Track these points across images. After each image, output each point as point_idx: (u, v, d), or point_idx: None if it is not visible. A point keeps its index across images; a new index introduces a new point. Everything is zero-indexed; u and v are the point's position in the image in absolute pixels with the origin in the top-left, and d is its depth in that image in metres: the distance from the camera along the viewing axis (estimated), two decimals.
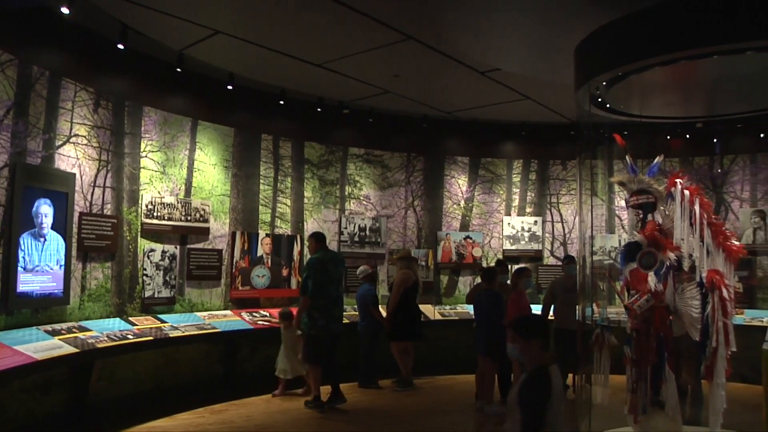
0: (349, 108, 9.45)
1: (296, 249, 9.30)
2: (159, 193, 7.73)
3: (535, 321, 3.90)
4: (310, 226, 9.53)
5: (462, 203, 10.83)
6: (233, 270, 8.56)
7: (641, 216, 5.41)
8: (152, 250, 7.57)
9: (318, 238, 7.66)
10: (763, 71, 5.47)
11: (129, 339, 6.67)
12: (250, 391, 7.91)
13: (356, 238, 9.97)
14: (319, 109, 9.20)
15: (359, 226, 10.03)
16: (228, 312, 8.36)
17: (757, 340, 5.16)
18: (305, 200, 9.59)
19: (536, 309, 9.61)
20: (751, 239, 9.68)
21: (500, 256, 10.53)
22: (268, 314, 8.61)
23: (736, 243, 5.27)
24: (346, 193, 10.07)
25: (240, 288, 8.62)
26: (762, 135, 9.53)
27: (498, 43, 6.46)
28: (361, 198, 10.20)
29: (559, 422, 3.23)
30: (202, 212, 8.17)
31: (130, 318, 7.20)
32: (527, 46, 6.49)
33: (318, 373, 7.28)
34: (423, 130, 10.25)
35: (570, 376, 7.85)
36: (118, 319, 7.08)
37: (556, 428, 3.20)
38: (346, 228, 9.90)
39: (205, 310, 8.17)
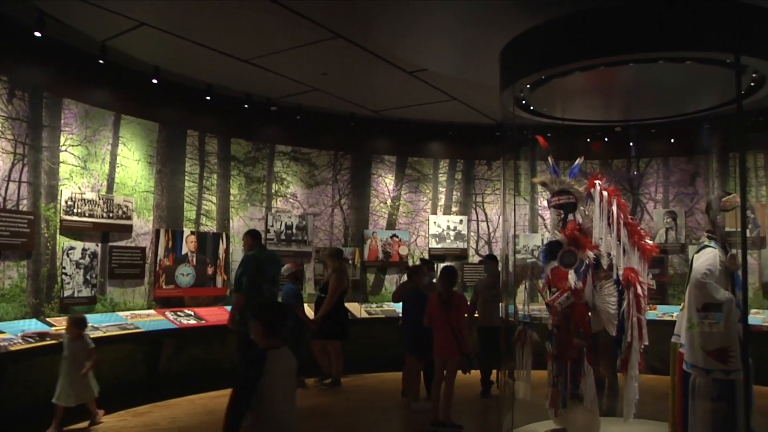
0: (276, 105, 9.38)
1: (222, 247, 9.17)
2: (79, 188, 7.47)
3: (265, 304, 4.08)
4: (236, 224, 9.42)
5: (389, 202, 10.91)
6: (157, 268, 8.37)
7: (562, 216, 5.60)
8: (72, 248, 7.31)
9: (254, 235, 7.60)
10: (674, 80, 5.76)
11: (46, 341, 6.42)
12: (175, 392, 7.75)
13: (283, 236, 9.91)
14: (246, 106, 9.09)
15: (286, 224, 9.97)
16: (152, 311, 8.16)
17: (667, 334, 5.42)
18: (231, 198, 9.47)
19: None
20: (663, 239, 10.17)
21: (426, 255, 10.68)
22: (193, 313, 8.45)
23: (650, 242, 5.55)
24: (273, 191, 10.00)
25: (164, 287, 8.43)
26: (673, 140, 10.02)
27: (425, 43, 6.54)
28: (288, 196, 10.14)
29: (279, 402, 3.46)
30: (125, 209, 7.95)
31: (47, 319, 6.93)
32: (454, 48, 6.59)
33: None
34: (350, 129, 10.28)
35: (494, 372, 8.05)
36: (34, 320, 6.80)
37: (276, 407, 3.44)
38: (272, 226, 9.82)
39: (128, 310, 7.95)
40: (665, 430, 5.53)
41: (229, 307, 8.03)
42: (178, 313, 8.36)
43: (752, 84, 5.30)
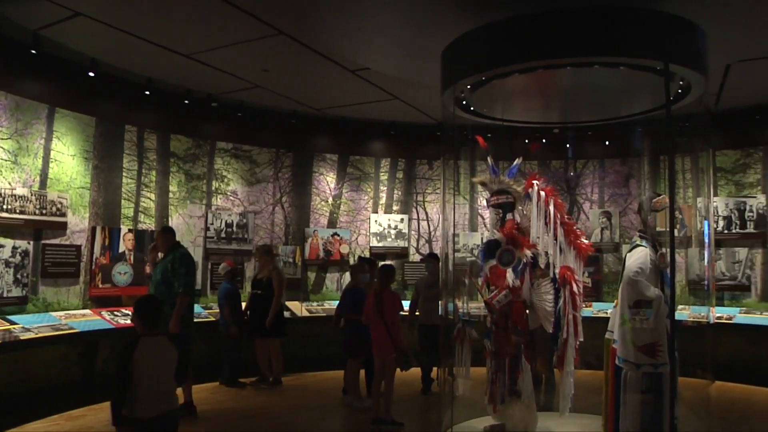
0: (217, 101, 9.27)
1: None
2: (10, 184, 7.21)
3: (140, 299, 4.51)
4: (175, 221, 9.25)
5: (330, 200, 10.90)
6: (93, 267, 8.15)
7: (501, 215, 5.70)
8: (1, 246, 7.06)
9: (173, 232, 7.36)
10: (609, 85, 5.94)
11: None
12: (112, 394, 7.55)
13: (223, 234, 9.79)
14: (186, 101, 8.95)
15: (226, 222, 9.86)
16: (87, 311, 7.94)
17: (601, 330, 5.58)
18: (170, 195, 9.29)
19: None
20: (599, 238, 10.49)
21: (367, 254, 10.73)
22: (130, 313, 8.24)
23: (586, 241, 5.70)
24: (213, 188, 9.87)
25: (100, 286, 8.22)
26: (608, 143, 10.33)
27: (367, 42, 6.56)
28: (229, 193, 10.03)
29: (146, 383, 4.01)
30: (59, 206, 7.71)
31: None
32: (396, 47, 6.63)
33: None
34: (292, 126, 10.24)
35: (434, 369, 8.15)
36: None
37: (145, 387, 4.00)
38: (212, 224, 9.69)
39: (62, 310, 7.71)
40: (599, 422, 5.70)
41: None
42: (115, 312, 8.16)
43: (680, 91, 5.52)
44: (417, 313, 8.35)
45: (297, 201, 10.66)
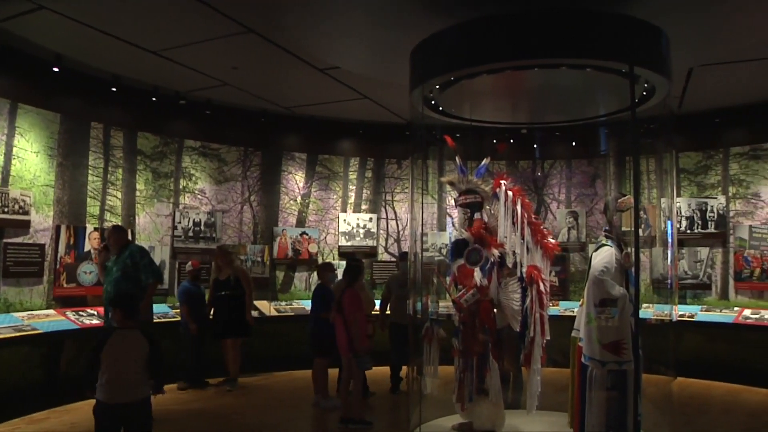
0: (185, 99, 9.18)
1: None
2: None
3: (123, 295, 5.37)
4: (142, 220, 9.15)
5: (299, 199, 10.87)
6: (57, 266, 8.01)
7: (469, 214, 5.75)
8: None
9: (125, 230, 7.38)
10: (577, 86, 6.02)
11: None
12: (75, 396, 7.39)
13: (190, 233, 9.70)
14: (154, 99, 8.85)
15: (194, 220, 9.76)
16: (51, 311, 7.80)
17: (568, 329, 5.66)
18: (137, 193, 9.18)
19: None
20: (566, 237, 10.63)
21: (335, 253, 10.76)
22: (96, 313, 8.13)
23: (552, 241, 5.77)
24: (181, 187, 9.77)
25: (65, 285, 8.09)
26: (575, 143, 10.47)
27: (337, 41, 6.55)
28: (196, 192, 9.94)
29: (113, 370, 4.36)
30: (21, 203, 7.56)
31: None
32: (366, 47, 6.63)
33: None
34: (261, 125, 10.19)
35: (404, 368, 8.17)
36: None
37: (112, 374, 4.35)
38: (179, 222, 9.60)
39: (24, 310, 7.57)
40: (565, 420, 5.78)
41: None
42: (80, 312, 8.04)
43: (644, 93, 5.62)
44: (387, 312, 8.36)
45: (265, 200, 10.61)
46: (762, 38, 6.35)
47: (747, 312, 9.32)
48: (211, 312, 8.67)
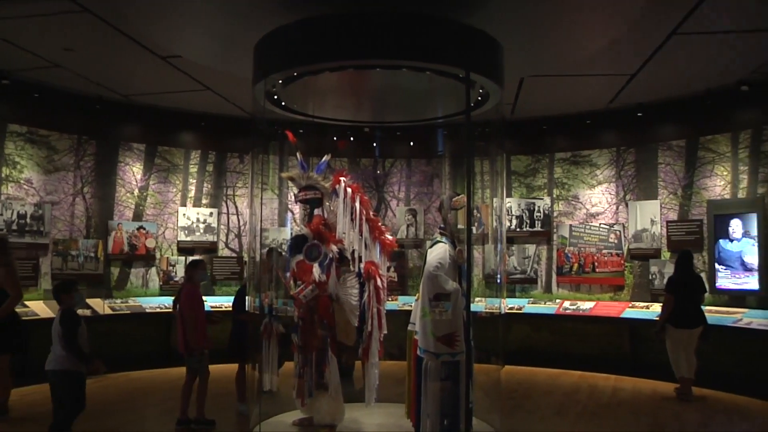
0: (9, 79, 8.44)
1: None
2: None
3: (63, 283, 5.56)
4: None
5: (136, 192, 10.37)
6: None
7: (308, 210, 5.77)
8: None
9: None
10: (417, 88, 6.22)
11: None
12: None
13: (14, 227, 8.93)
14: None
15: (19, 213, 9.01)
16: None
17: (406, 323, 5.81)
18: None
19: (212, 301, 9.68)
20: (405, 234, 10.97)
21: (174, 248, 10.41)
22: None
23: (390, 237, 5.93)
24: (4, 176, 8.96)
25: None
26: (414, 143, 10.83)
27: (179, 30, 6.32)
28: (22, 182, 9.17)
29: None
30: None
31: None
32: (209, 37, 6.45)
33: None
34: (97, 112, 9.61)
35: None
36: None
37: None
38: (2, 215, 8.82)
39: None
40: (402, 410, 5.95)
41: None
42: None
43: (479, 98, 5.92)
44: None
45: (100, 192, 10.01)
46: (582, 58, 6.93)
47: (567, 303, 10.13)
48: None
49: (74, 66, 8.11)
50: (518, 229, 10.70)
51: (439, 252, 5.33)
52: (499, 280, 6.79)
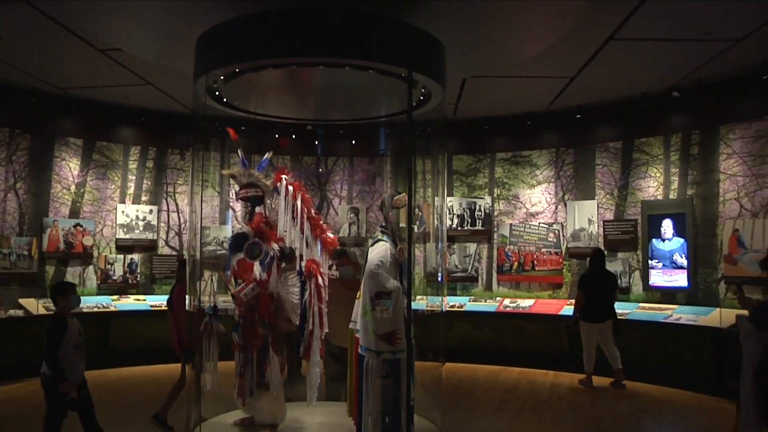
0: None
1: None
2: None
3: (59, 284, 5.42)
4: None
5: (73, 188, 10.10)
6: None
7: (250, 208, 5.72)
8: None
9: None
10: (360, 87, 6.23)
11: None
12: None
13: None
14: None
15: None
16: None
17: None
18: None
19: (152, 300, 9.50)
20: (347, 233, 10.97)
21: (113, 246, 10.18)
22: None
23: (331, 236, 5.93)
24: None
25: None
26: (356, 142, 10.85)
27: (118, 22, 6.16)
28: None
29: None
30: None
31: None
32: (150, 31, 6.32)
33: None
34: (31, 105, 9.32)
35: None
36: None
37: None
38: None
39: None
40: (344, 409, 5.96)
41: None
42: None
43: (422, 98, 5.97)
44: None
45: (34, 188, 9.70)
46: (523, 60, 7.07)
47: (507, 301, 10.31)
48: None
49: (6, 56, 7.88)
50: (459, 228, 10.84)
51: (380, 250, 5.35)
52: (440, 279, 6.86)
